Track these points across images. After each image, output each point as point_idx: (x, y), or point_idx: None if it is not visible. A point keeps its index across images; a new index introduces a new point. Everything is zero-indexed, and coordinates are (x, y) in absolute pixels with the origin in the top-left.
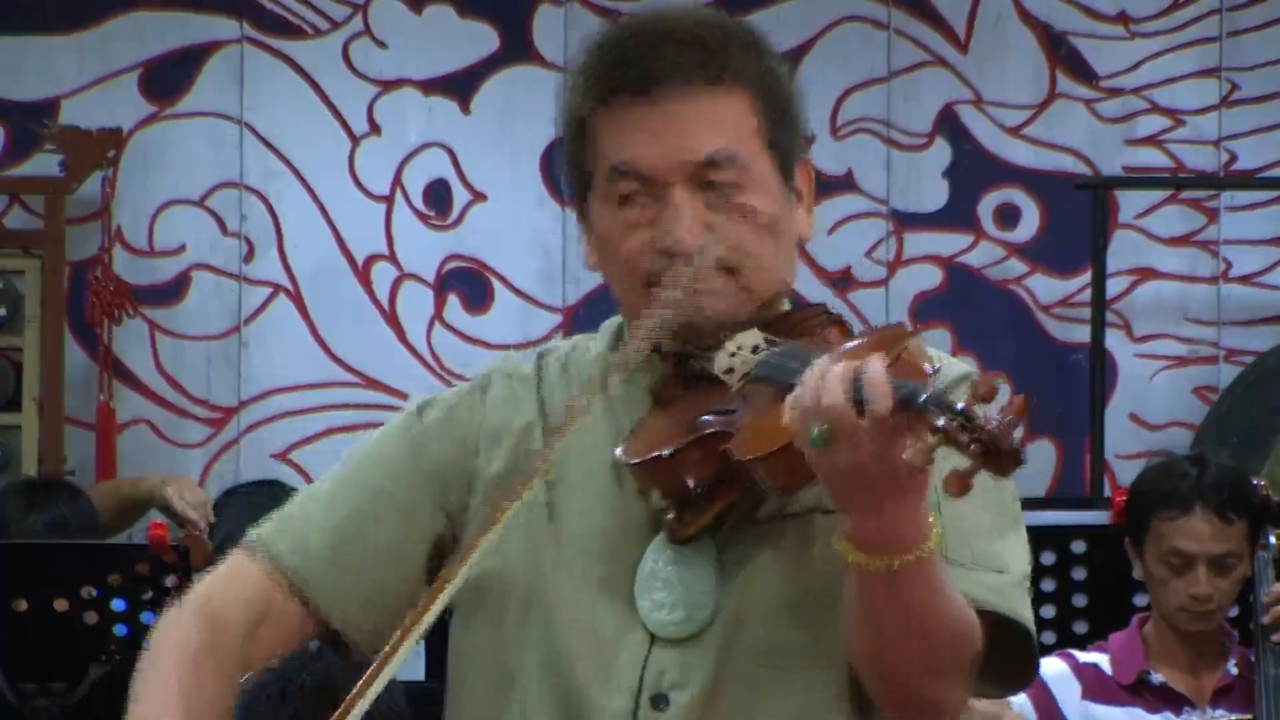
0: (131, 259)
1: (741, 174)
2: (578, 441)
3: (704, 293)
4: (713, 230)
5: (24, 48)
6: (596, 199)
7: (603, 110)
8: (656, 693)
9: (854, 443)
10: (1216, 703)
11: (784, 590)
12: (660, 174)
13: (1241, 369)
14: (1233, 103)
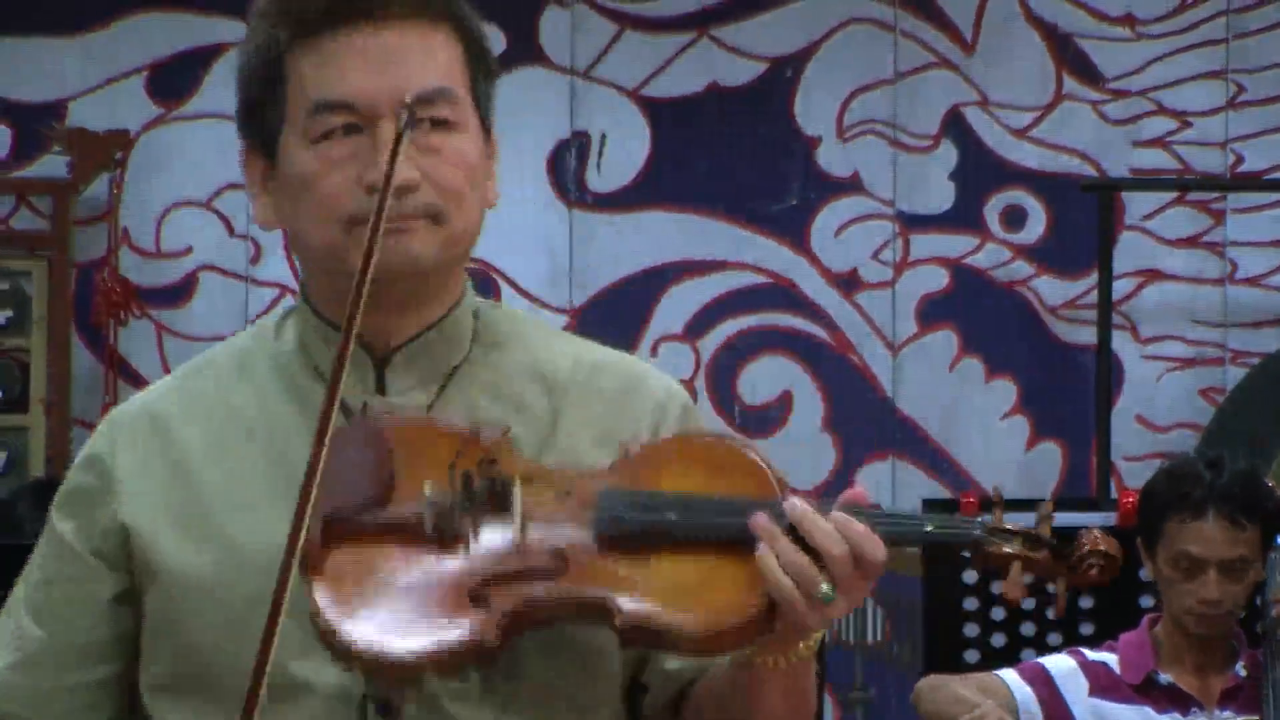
0: (138, 260)
1: (455, 114)
2: (234, 436)
3: (411, 233)
4: (425, 172)
5: (31, 50)
6: (290, 144)
7: (308, 43)
8: (379, 697)
9: (862, 590)
10: (1224, 704)
11: (548, 651)
12: (372, 106)
13: (1248, 371)
14: (1239, 105)
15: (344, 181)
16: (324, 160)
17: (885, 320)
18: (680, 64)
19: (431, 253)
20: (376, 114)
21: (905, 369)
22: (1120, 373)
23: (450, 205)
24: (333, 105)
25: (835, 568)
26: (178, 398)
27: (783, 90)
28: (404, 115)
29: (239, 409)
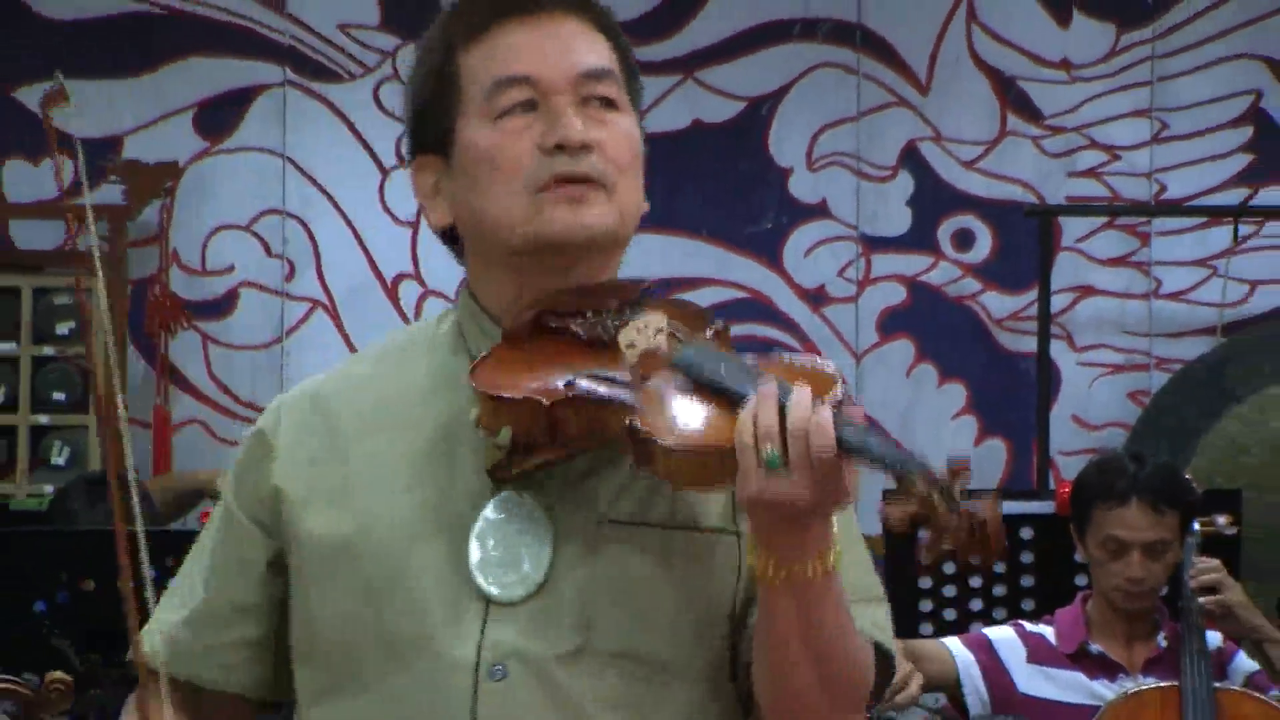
0: (186, 278)
1: (618, 94)
2: (385, 421)
3: (588, 203)
4: (598, 137)
5: (90, 90)
6: (468, 130)
7: (479, 39)
8: (496, 664)
9: (810, 478)
10: (1148, 671)
11: (638, 593)
12: (548, 80)
13: (1171, 376)
14: (1163, 140)
15: (527, 148)
16: (506, 133)
17: (849, 331)
18: (668, 103)
19: (609, 223)
20: (553, 88)
21: (867, 374)
22: (1058, 378)
23: (617, 176)
24: (512, 80)
25: (791, 443)
26: (339, 381)
27: (758, 126)
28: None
29: (392, 393)
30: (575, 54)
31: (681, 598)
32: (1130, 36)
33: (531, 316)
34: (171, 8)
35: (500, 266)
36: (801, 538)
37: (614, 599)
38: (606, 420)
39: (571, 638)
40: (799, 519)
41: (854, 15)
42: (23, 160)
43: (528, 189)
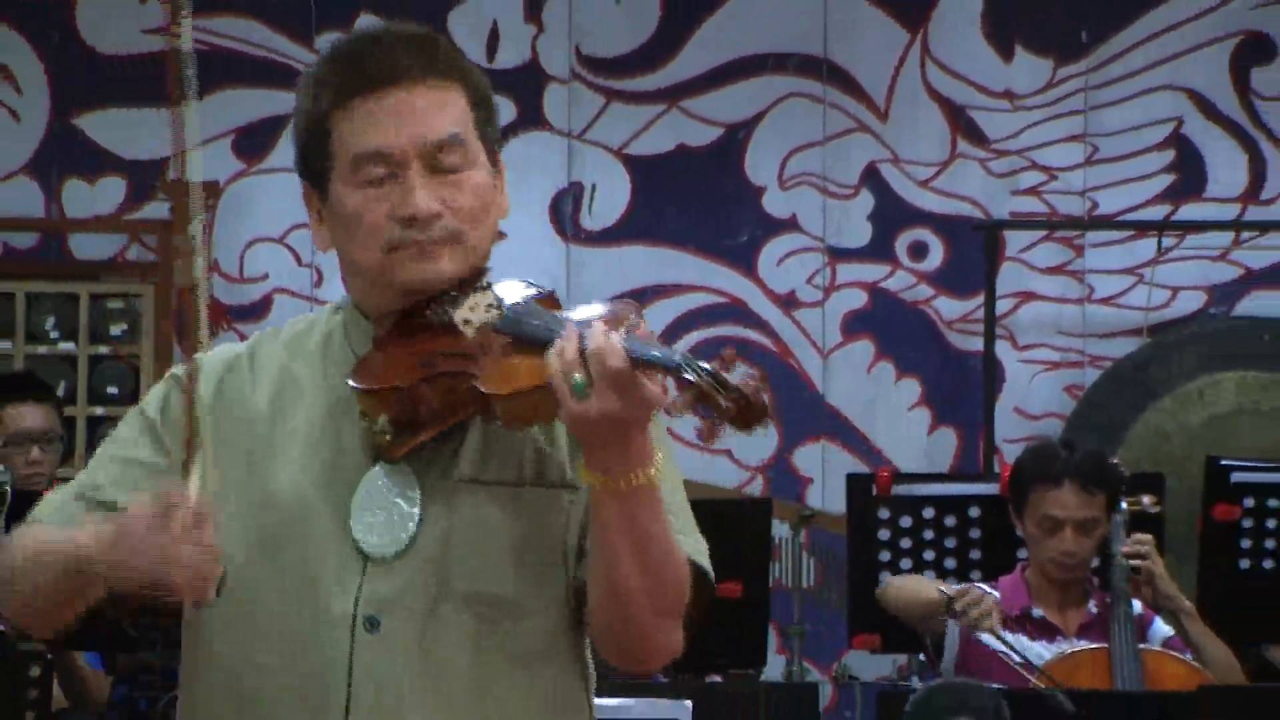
0: (226, 285)
1: (465, 156)
2: (293, 394)
3: (437, 258)
4: (445, 204)
5: (140, 117)
6: (338, 187)
7: (343, 108)
8: (371, 616)
9: (612, 392)
10: (1081, 634)
11: (483, 527)
12: (399, 155)
13: (1102, 372)
14: (1095, 162)
15: (382, 217)
16: (366, 199)
17: (817, 332)
18: (655, 129)
19: (454, 269)
20: (404, 161)
21: (833, 371)
22: (1002, 374)
23: (468, 226)
24: (369, 156)
25: (591, 366)
26: (261, 354)
27: (735, 150)
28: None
29: (294, 375)
30: (423, 126)
31: (527, 543)
32: (1066, 70)
33: (392, 324)
34: (212, 44)
35: (369, 287)
36: (624, 451)
37: (469, 549)
38: (457, 388)
39: (433, 587)
40: (617, 432)
41: (820, 50)
42: (80, 180)
43: (384, 249)
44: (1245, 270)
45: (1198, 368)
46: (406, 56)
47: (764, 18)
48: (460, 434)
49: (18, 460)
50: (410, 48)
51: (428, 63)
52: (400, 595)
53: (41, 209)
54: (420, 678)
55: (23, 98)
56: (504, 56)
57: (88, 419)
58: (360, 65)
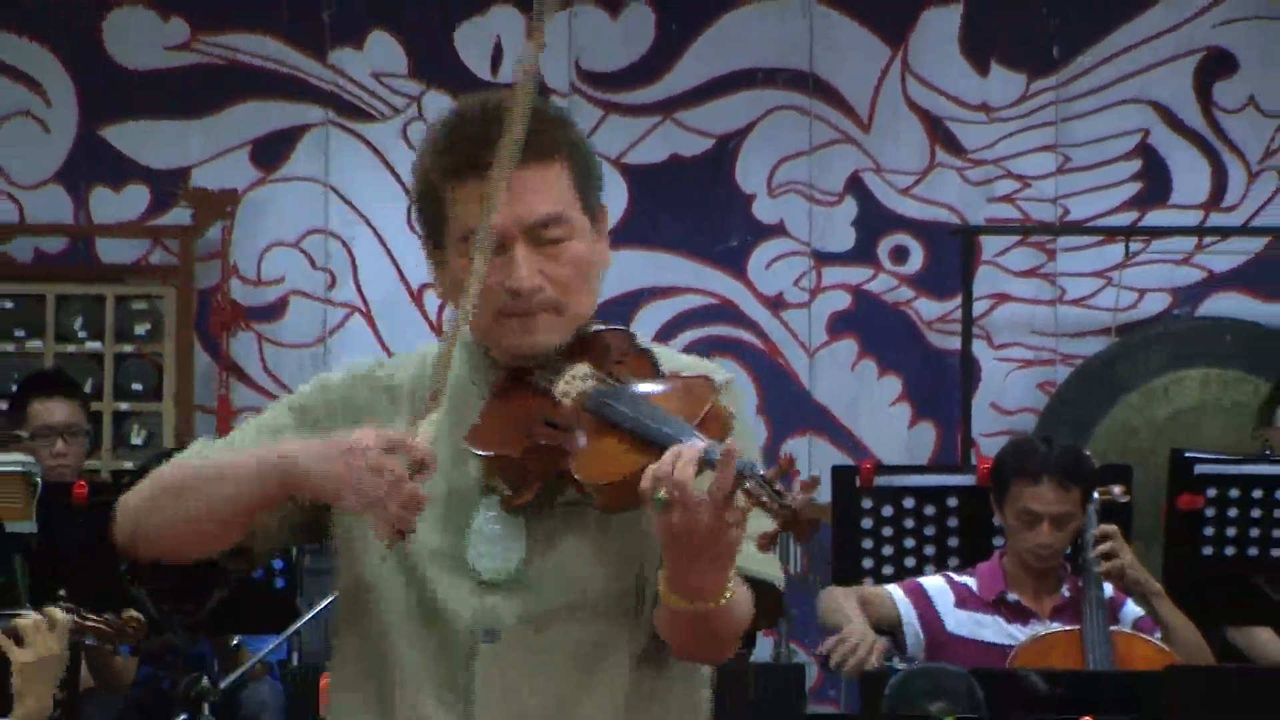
0: (244, 287)
1: (565, 229)
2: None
3: (536, 329)
4: (545, 275)
5: (163, 129)
6: (451, 252)
7: (457, 183)
8: (489, 628)
9: (688, 512)
10: (1054, 617)
11: (581, 556)
12: (505, 233)
13: (1073, 370)
14: (1066, 171)
15: (491, 287)
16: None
17: (803, 332)
18: (650, 140)
19: (555, 339)
20: (509, 238)
21: (819, 368)
22: (978, 371)
23: (567, 297)
24: (476, 232)
25: (671, 490)
26: (397, 374)
27: (726, 159)
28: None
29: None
30: (526, 207)
31: (618, 560)
32: (1038, 84)
33: (504, 378)
34: (231, 59)
35: (483, 338)
36: (696, 578)
37: (569, 569)
38: (556, 461)
39: (541, 603)
40: (688, 553)
41: (807, 65)
42: (106, 188)
43: (489, 313)
44: (1208, 273)
45: (1163, 365)
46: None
47: (753, 35)
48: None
49: (43, 452)
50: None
51: (533, 145)
52: (511, 612)
53: (70, 215)
54: (534, 679)
55: (52, 110)
56: (506, 71)
57: (113, 414)
58: (473, 147)
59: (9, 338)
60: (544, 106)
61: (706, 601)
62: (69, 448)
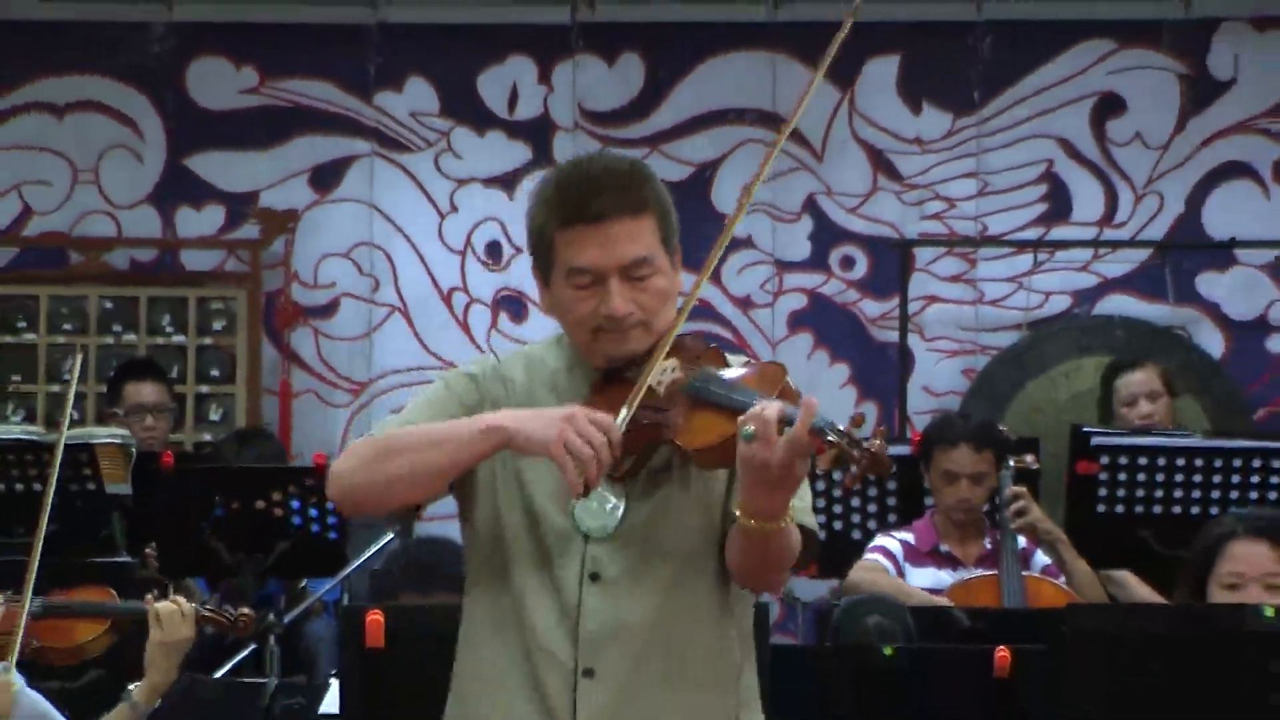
0: (303, 290)
1: (651, 268)
2: (533, 406)
3: (629, 340)
4: (635, 303)
5: (237, 158)
6: (558, 282)
7: (562, 231)
8: (594, 572)
9: (768, 445)
10: (978, 565)
11: (665, 515)
12: (603, 271)
13: (990, 358)
14: (985, 194)
15: (590, 310)
16: (578, 299)
17: (768, 327)
18: None
19: (641, 347)
20: (606, 274)
21: (780, 358)
22: (912, 360)
23: (652, 317)
24: (581, 270)
25: (778, 428)
26: (510, 371)
27: (704, 184)
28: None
29: (535, 387)
30: (623, 250)
31: (699, 512)
32: (962, 122)
33: (600, 377)
34: (293, 101)
35: (582, 350)
36: (766, 503)
37: (661, 522)
38: (658, 434)
39: (638, 550)
40: (763, 483)
41: (770, 105)
42: (189, 208)
43: (589, 331)
44: (1102, 279)
45: (1065, 355)
46: (613, 197)
47: (726, 80)
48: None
49: (136, 427)
50: (614, 190)
51: (628, 202)
52: (613, 560)
53: (159, 231)
54: (633, 610)
55: (145, 143)
56: (522, 110)
57: (195, 395)
58: (580, 202)
59: (108, 332)
60: (637, 168)
61: (772, 522)
62: (157, 423)
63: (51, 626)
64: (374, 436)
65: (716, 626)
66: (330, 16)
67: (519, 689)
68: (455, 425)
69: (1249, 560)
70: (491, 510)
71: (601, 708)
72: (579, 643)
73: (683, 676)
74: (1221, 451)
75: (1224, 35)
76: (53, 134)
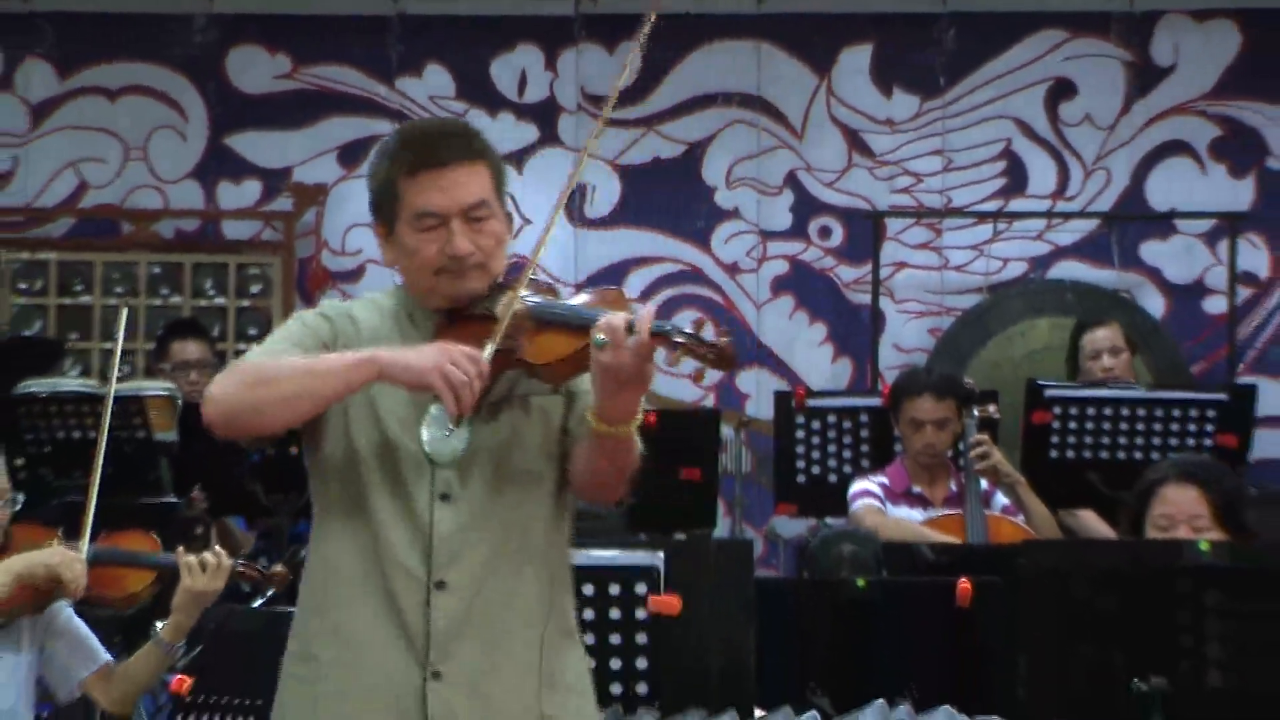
0: (332, 256)
1: (488, 210)
2: (379, 346)
3: (470, 279)
4: (475, 244)
5: (272, 138)
6: (403, 228)
7: (408, 179)
8: (444, 493)
9: (619, 349)
10: (944, 505)
11: (508, 439)
12: (446, 213)
13: (954, 319)
14: (949, 170)
15: (434, 252)
16: (423, 241)
17: (753, 291)
18: (638, 146)
19: (480, 287)
20: (449, 216)
21: (764, 318)
22: (884, 320)
23: (489, 259)
24: (428, 214)
25: (610, 332)
26: (357, 314)
27: (695, 161)
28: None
29: (381, 333)
30: (464, 192)
31: (539, 434)
32: (929, 104)
33: (442, 319)
34: (323, 86)
35: (423, 294)
36: (620, 407)
37: (504, 446)
38: (509, 357)
39: (484, 472)
40: (618, 387)
41: (755, 90)
42: (229, 182)
43: (432, 273)
44: (1055, 246)
45: (1021, 316)
46: (453, 146)
47: (715, 67)
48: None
49: (181, 381)
50: (454, 140)
51: (466, 150)
52: (460, 481)
53: (202, 203)
54: (480, 526)
55: (189, 124)
56: (530, 94)
57: (234, 352)
58: (423, 150)
59: (156, 295)
60: (470, 126)
61: (625, 425)
62: (200, 377)
63: (105, 575)
64: (247, 363)
65: (555, 533)
66: (356, 8)
67: (376, 601)
68: (329, 358)
69: (1178, 503)
70: (343, 439)
71: (453, 615)
72: (432, 557)
73: (522, 582)
74: (1161, 402)
75: (1165, 26)
76: (106, 115)
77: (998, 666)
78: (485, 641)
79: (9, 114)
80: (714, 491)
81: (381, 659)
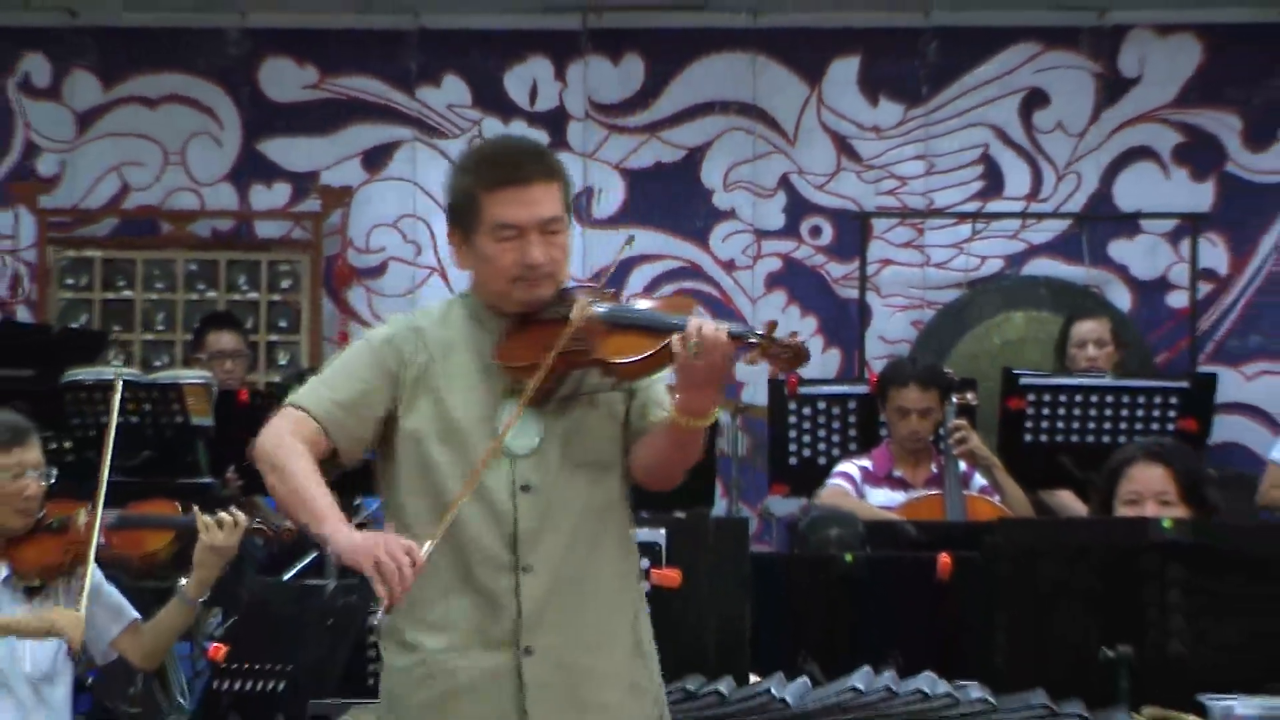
0: (357, 254)
1: (560, 226)
2: (449, 354)
3: (541, 286)
4: (547, 255)
5: (300, 144)
6: (482, 237)
7: (488, 193)
8: (524, 484)
9: (712, 354)
10: (925, 486)
11: (578, 430)
12: (525, 226)
13: (936, 312)
14: (932, 173)
15: (512, 261)
16: (501, 250)
17: (749, 286)
18: (641, 151)
19: (550, 294)
20: (526, 229)
21: (759, 312)
22: (870, 314)
23: (558, 270)
24: (506, 225)
25: (704, 337)
26: (420, 326)
27: (695, 165)
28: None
29: (449, 341)
30: (541, 209)
31: (605, 425)
32: (913, 112)
33: (513, 323)
34: (348, 95)
35: (496, 298)
36: (706, 400)
37: (575, 436)
38: (584, 356)
39: (559, 461)
40: (704, 385)
41: (751, 98)
42: (261, 185)
43: (509, 280)
44: (1029, 245)
45: (997, 309)
46: (533, 165)
47: (713, 77)
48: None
49: (217, 369)
50: (532, 159)
51: (545, 170)
52: (537, 472)
53: (236, 204)
54: (559, 512)
55: (223, 130)
56: (540, 103)
57: (266, 343)
58: (507, 167)
59: (193, 289)
60: (545, 147)
61: (704, 418)
62: (235, 366)
63: (126, 537)
64: (280, 435)
65: (623, 514)
66: (378, 23)
67: (467, 592)
68: (316, 496)
69: (1145, 481)
70: (415, 453)
71: (539, 596)
72: (518, 545)
73: (601, 561)
74: (1128, 390)
75: (1132, 40)
76: (147, 122)
77: (975, 635)
78: (571, 617)
79: (57, 122)
80: (712, 473)
81: (477, 643)
